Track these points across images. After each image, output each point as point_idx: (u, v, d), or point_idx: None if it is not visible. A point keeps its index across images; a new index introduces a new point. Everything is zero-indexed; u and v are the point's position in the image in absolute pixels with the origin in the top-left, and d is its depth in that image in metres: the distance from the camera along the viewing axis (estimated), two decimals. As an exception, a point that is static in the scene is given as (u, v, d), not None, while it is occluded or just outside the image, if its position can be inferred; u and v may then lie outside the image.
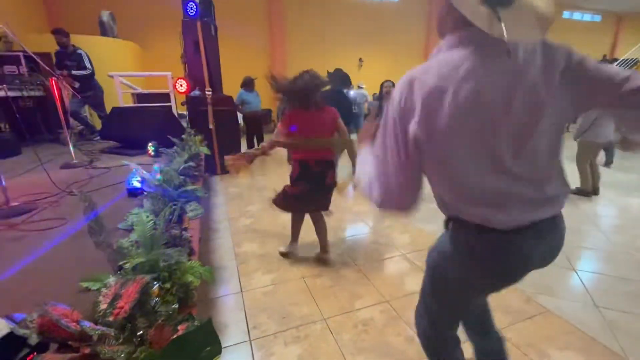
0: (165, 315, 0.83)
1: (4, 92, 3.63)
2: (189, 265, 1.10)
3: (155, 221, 1.17)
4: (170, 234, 1.31)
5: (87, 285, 1.02)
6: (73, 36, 4.77)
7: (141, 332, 0.76)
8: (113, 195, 2.07)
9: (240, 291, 2.23)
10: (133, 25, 8.69)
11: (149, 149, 3.17)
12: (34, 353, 0.70)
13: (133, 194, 1.91)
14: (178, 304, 0.97)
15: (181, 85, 4.93)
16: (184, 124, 4.86)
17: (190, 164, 2.52)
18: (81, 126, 4.99)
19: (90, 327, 0.70)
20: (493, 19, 0.67)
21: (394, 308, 2.04)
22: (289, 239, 2.69)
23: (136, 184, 1.90)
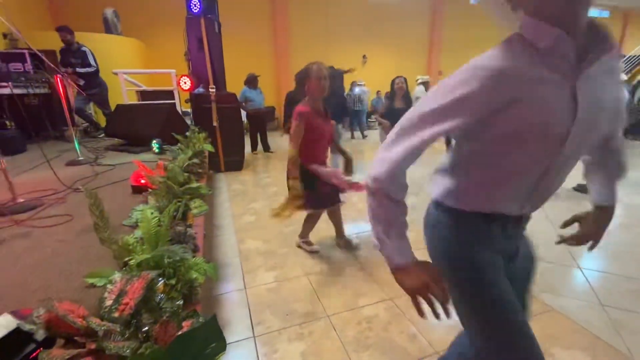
0: (170, 311, 0.84)
1: (10, 90, 3.66)
2: (193, 261, 1.11)
3: (159, 218, 1.17)
4: (174, 230, 1.32)
5: (93, 281, 1.03)
6: (77, 33, 4.78)
7: (146, 328, 0.76)
8: (118, 192, 2.08)
9: (244, 288, 2.24)
10: (137, 23, 8.72)
11: (153, 146, 3.18)
12: (41, 348, 0.70)
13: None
14: (183, 300, 0.97)
15: (185, 83, 4.93)
16: (188, 121, 4.87)
17: (195, 161, 2.54)
18: (86, 123, 5.02)
19: (96, 323, 0.70)
20: None
21: (397, 305, 2.04)
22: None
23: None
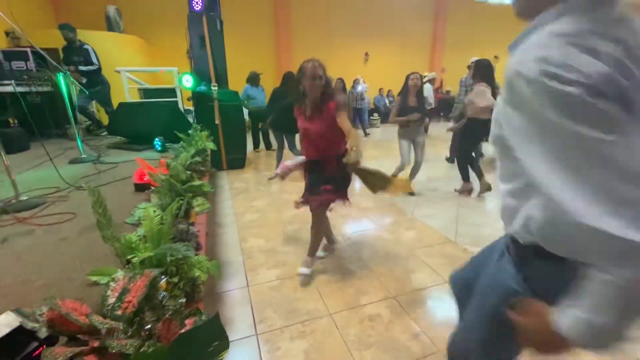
0: (172, 309, 0.83)
1: (12, 88, 3.67)
2: (195, 259, 1.11)
3: (162, 216, 1.17)
4: (177, 228, 1.32)
5: (96, 279, 1.03)
6: (79, 31, 4.78)
7: (149, 326, 0.76)
8: (121, 190, 2.08)
9: (247, 286, 2.24)
10: (139, 20, 8.71)
11: (155, 144, 3.19)
12: (43, 346, 0.70)
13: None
14: (185, 298, 0.97)
15: (187, 81, 4.93)
16: (190, 119, 4.87)
17: (197, 159, 2.54)
18: (89, 121, 5.03)
19: (99, 321, 0.70)
20: None
21: (400, 304, 2.04)
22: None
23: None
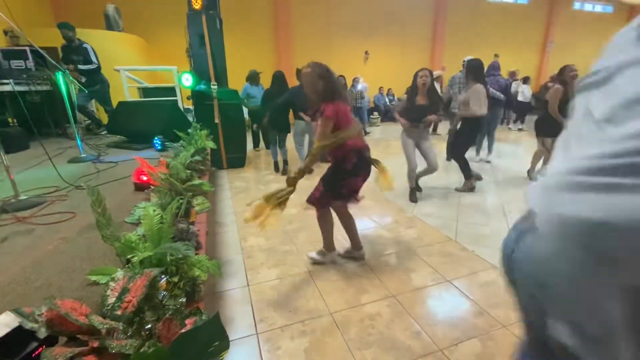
0: (173, 309, 0.83)
1: (11, 87, 3.66)
2: (196, 259, 1.10)
3: (162, 215, 1.16)
4: (177, 228, 1.31)
5: (95, 279, 1.03)
6: (78, 30, 4.77)
7: (149, 326, 0.76)
8: (121, 189, 2.07)
9: (247, 285, 2.24)
10: (138, 19, 8.70)
11: (155, 143, 3.18)
12: (43, 346, 0.70)
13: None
14: (185, 297, 0.97)
15: (187, 79, 4.92)
16: (190, 118, 4.87)
17: (197, 158, 2.53)
18: (88, 120, 5.02)
19: (99, 321, 0.70)
20: None
21: (400, 303, 2.03)
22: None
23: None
